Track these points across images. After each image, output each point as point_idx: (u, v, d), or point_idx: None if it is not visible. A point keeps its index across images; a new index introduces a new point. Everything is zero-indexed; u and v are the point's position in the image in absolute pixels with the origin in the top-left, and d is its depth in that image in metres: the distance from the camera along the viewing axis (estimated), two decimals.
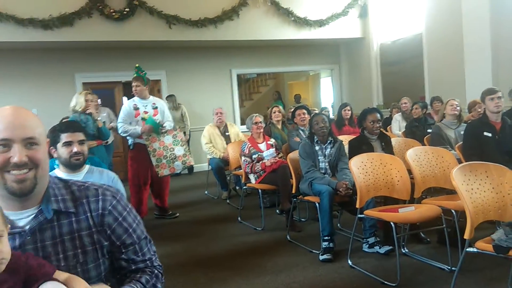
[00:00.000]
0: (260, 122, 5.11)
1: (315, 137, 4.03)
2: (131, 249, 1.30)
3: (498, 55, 6.49)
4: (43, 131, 1.22)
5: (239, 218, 5.01)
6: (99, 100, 5.63)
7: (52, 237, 1.19)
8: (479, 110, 5.13)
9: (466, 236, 2.45)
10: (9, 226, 1.11)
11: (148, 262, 1.35)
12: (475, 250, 2.43)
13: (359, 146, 3.97)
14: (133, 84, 4.98)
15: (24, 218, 1.18)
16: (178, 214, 5.41)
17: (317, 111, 5.87)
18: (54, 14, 6.95)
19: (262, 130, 5.12)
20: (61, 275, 1.12)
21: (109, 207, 1.27)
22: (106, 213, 1.26)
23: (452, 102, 4.74)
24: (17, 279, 1.06)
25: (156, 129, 4.90)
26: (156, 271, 1.35)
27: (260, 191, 4.75)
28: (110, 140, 6.57)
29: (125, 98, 9.07)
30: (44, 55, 7.89)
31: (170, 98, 8.31)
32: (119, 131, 5.00)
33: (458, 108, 4.70)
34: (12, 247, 1.13)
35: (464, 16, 6.86)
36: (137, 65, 5.16)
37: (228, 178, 6.32)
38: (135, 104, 4.99)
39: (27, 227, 1.17)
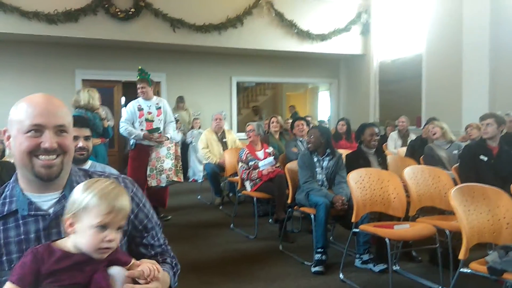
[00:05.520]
0: (251, 130, 5.14)
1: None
2: (150, 233, 1.35)
3: (495, 80, 6.61)
4: (71, 120, 1.25)
5: (231, 225, 5.01)
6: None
7: None
8: (470, 133, 5.23)
9: (461, 256, 2.48)
10: None
11: (163, 246, 1.41)
12: (469, 271, 2.46)
13: (356, 160, 4.03)
14: (139, 86, 5.01)
15: (47, 201, 1.20)
16: (170, 217, 5.39)
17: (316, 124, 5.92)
18: (59, 9, 6.98)
19: (252, 139, 5.13)
20: None
21: (131, 193, 1.32)
22: (130, 199, 1.29)
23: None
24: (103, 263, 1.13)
25: (155, 131, 4.94)
26: (172, 253, 1.42)
27: (255, 199, 4.76)
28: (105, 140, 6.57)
29: (123, 98, 9.08)
30: (46, 49, 7.89)
31: (180, 99, 8.42)
32: (122, 132, 5.04)
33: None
34: (37, 229, 1.16)
35: (464, 40, 6.99)
36: (140, 67, 5.15)
37: (222, 184, 6.32)
38: (140, 105, 5.04)
39: (51, 210, 1.19)
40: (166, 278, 1.26)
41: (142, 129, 4.98)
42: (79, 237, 1.09)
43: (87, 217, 1.08)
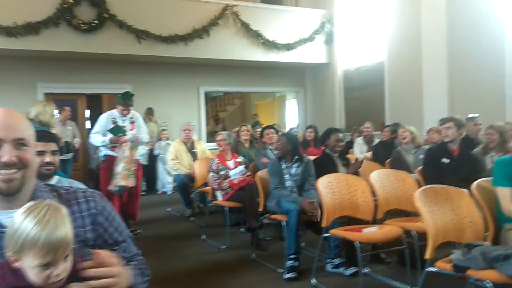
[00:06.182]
0: (221, 140, 5.15)
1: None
2: (122, 246, 1.34)
3: (454, 85, 6.89)
4: (32, 133, 1.23)
5: (203, 236, 4.98)
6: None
7: None
8: (432, 136, 5.44)
9: (427, 255, 2.56)
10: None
11: (136, 256, 1.40)
12: (435, 269, 2.54)
13: (324, 164, 4.12)
14: (124, 108, 4.96)
15: (10, 218, 1.16)
16: (140, 231, 5.30)
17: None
18: (19, 21, 6.79)
19: (222, 148, 5.14)
20: None
21: (100, 207, 1.31)
22: (98, 213, 1.29)
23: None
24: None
25: (120, 132, 4.90)
26: (143, 261, 1.40)
27: (226, 208, 4.75)
28: (69, 156, 6.41)
29: (88, 111, 8.91)
30: (6, 63, 7.64)
31: (150, 111, 8.32)
32: (93, 142, 5.01)
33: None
34: (0, 246, 1.12)
35: (423, 47, 7.28)
36: (127, 91, 5.12)
37: (192, 195, 6.28)
38: (114, 118, 5.00)
39: None
40: (125, 272, 1.22)
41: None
42: (27, 272, 1.05)
43: (26, 257, 1.03)
